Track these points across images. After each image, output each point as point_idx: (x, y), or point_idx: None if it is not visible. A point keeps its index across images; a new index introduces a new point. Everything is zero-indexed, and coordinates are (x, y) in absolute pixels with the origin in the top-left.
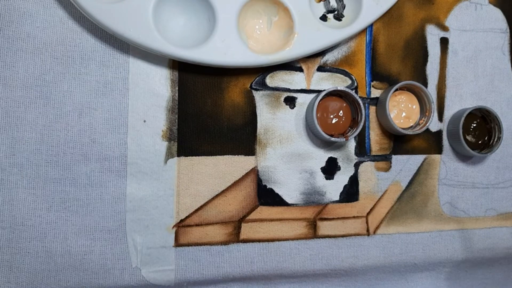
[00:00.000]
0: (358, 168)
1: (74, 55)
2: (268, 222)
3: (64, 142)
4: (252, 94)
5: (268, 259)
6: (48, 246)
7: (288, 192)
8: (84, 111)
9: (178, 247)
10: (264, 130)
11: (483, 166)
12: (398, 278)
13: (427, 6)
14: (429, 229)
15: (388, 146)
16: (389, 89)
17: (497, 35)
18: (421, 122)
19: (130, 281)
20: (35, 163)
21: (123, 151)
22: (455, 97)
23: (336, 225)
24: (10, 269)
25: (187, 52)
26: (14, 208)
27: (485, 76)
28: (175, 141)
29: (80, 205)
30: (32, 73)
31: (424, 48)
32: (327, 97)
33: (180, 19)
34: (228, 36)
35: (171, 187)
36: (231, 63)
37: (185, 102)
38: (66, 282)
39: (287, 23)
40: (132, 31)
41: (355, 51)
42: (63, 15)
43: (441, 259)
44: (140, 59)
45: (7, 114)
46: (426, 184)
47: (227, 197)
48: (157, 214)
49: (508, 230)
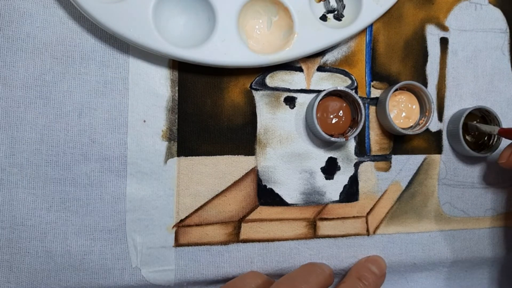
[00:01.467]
0: (358, 168)
1: (74, 55)
2: (268, 222)
3: (64, 142)
4: (252, 94)
5: (268, 259)
6: (48, 246)
7: (288, 192)
8: (84, 111)
9: (178, 247)
10: (264, 130)
11: (483, 166)
12: (398, 278)
13: (427, 6)
14: (429, 229)
15: (388, 146)
16: (389, 89)
17: (497, 35)
18: (421, 122)
19: (130, 281)
20: (35, 163)
21: (123, 151)
22: (455, 97)
23: (336, 225)
24: (10, 269)
25: (187, 52)
26: (14, 208)
27: (485, 76)
28: (175, 141)
29: (80, 205)
30: (32, 73)
31: (424, 48)
32: (327, 97)
33: (180, 19)
34: (228, 36)
35: (171, 187)
36: (231, 63)
37: (185, 102)
38: (66, 282)
39: (287, 23)
40: (132, 31)
41: (355, 51)
42: (63, 15)
43: (441, 259)
44: (140, 59)
45: (7, 114)
46: (426, 184)
47: (227, 197)
48: (157, 214)
49: (508, 230)
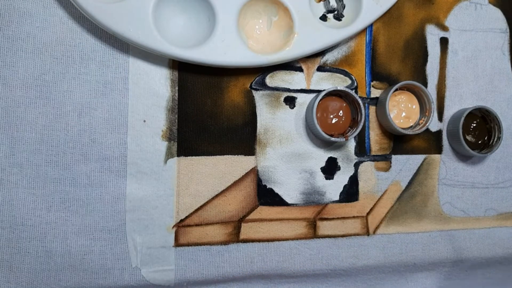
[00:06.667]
0: (358, 168)
1: (74, 55)
2: (268, 222)
3: (64, 142)
4: (252, 94)
5: (268, 259)
6: (48, 246)
7: (288, 192)
8: (84, 111)
9: (178, 247)
10: (264, 130)
11: (483, 166)
12: (398, 278)
13: (427, 6)
14: (429, 229)
15: (388, 146)
16: (389, 89)
17: (497, 35)
18: (421, 122)
19: (130, 281)
20: (35, 163)
21: (123, 151)
22: (455, 97)
23: (336, 225)
24: (10, 269)
25: (187, 52)
26: (14, 208)
27: (485, 76)
28: (175, 141)
29: (80, 205)
30: (32, 73)
31: (424, 48)
32: (327, 97)
33: (180, 19)
34: (228, 36)
35: (171, 187)
36: (231, 63)
37: (185, 102)
38: (66, 282)
39: (287, 23)
40: (132, 31)
41: (355, 51)
42: (63, 15)
43: (441, 259)
44: (140, 59)
45: (7, 114)
46: (426, 184)
47: (227, 197)
48: (157, 214)
49: (508, 230)
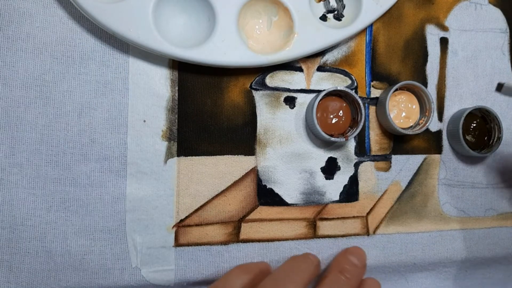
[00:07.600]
0: (358, 168)
1: (74, 55)
2: (268, 222)
3: (64, 142)
4: (252, 94)
5: (268, 259)
6: (48, 246)
7: (288, 192)
8: (84, 111)
9: (178, 247)
10: (264, 130)
11: (483, 166)
12: (398, 278)
13: (427, 6)
14: (429, 229)
15: (388, 146)
16: (389, 89)
17: (497, 35)
18: (421, 122)
19: (130, 281)
20: (35, 163)
21: (123, 151)
22: (455, 97)
23: (336, 225)
24: (10, 269)
25: (187, 52)
26: (14, 208)
27: (485, 76)
28: (175, 141)
29: (80, 205)
30: (32, 73)
31: (424, 48)
32: (327, 97)
33: (180, 19)
34: (228, 36)
35: (171, 187)
36: (231, 63)
37: (185, 102)
38: (66, 282)
39: (287, 23)
40: (132, 31)
41: (355, 51)
42: (63, 15)
43: (441, 259)
44: (140, 59)
45: (7, 114)
46: (426, 184)
47: (227, 197)
48: (157, 214)
49: (508, 230)
